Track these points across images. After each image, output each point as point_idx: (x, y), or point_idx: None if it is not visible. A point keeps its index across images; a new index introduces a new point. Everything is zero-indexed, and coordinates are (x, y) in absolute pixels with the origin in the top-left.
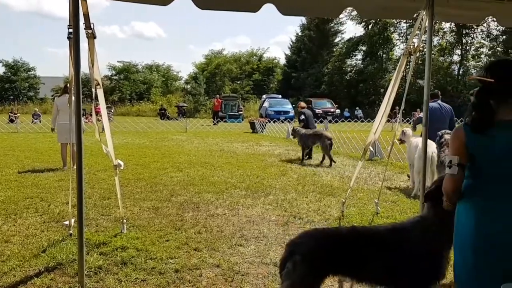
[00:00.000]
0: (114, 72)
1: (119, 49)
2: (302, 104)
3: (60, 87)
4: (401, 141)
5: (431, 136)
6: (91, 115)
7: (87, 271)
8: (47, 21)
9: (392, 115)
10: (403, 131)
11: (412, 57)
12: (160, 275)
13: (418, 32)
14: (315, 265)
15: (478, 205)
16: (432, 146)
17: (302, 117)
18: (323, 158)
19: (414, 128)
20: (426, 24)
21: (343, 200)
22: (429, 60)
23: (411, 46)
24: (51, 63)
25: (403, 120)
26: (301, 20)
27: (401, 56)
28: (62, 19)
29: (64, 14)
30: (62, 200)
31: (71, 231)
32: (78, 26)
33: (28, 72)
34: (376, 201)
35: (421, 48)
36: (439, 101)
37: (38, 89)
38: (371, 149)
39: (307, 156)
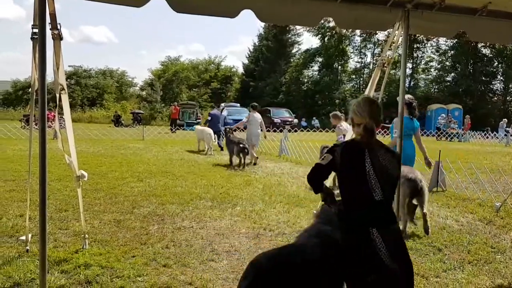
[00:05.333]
0: None
1: (68, 54)
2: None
3: (7, 92)
4: None
5: None
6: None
7: None
8: None
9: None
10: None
11: (386, 68)
12: None
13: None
14: None
15: None
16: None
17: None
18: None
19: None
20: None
21: (315, 212)
22: (404, 71)
23: (385, 58)
24: None
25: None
26: (259, 30)
27: (374, 68)
28: (5, 20)
29: (7, 15)
30: (15, 213)
31: (27, 247)
32: (45, 27)
33: None
34: None
35: (393, 60)
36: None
37: None
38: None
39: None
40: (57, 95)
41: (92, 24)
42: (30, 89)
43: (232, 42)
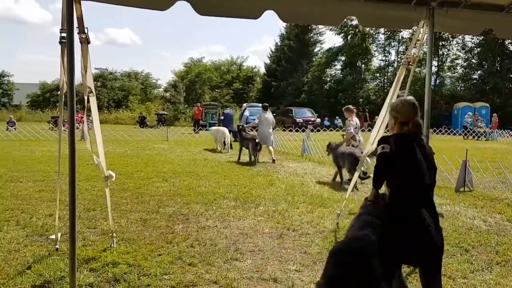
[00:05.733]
0: None
1: (94, 56)
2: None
3: (35, 94)
4: None
5: None
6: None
7: None
8: (19, 26)
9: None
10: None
11: (411, 67)
12: None
13: (417, 42)
14: None
15: None
16: None
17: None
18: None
19: None
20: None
21: (338, 212)
22: (430, 69)
23: (410, 56)
24: (24, 69)
25: None
26: (280, 30)
27: (400, 66)
28: (35, 24)
29: (36, 19)
30: (45, 212)
31: (57, 246)
32: (73, 31)
33: (2, 78)
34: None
35: (419, 58)
36: None
37: (12, 96)
38: (368, 159)
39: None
40: (85, 97)
41: (116, 27)
42: (58, 92)
43: (253, 42)
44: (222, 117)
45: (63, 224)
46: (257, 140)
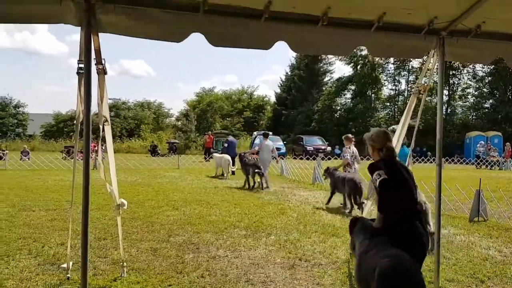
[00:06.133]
0: None
1: (108, 86)
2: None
3: (49, 124)
4: None
5: None
6: (81, 152)
7: None
8: (35, 58)
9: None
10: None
11: (422, 96)
12: None
13: (428, 71)
14: None
15: None
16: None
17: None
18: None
19: None
20: (437, 63)
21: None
22: (441, 98)
23: (421, 85)
24: (39, 99)
25: (413, 158)
26: (290, 60)
27: (410, 95)
28: (51, 56)
29: (52, 51)
30: (57, 241)
31: (68, 275)
32: (90, 62)
33: (17, 109)
34: None
35: (430, 87)
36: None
37: (26, 126)
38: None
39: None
40: (101, 127)
41: (130, 58)
42: (73, 121)
43: (264, 71)
44: (226, 145)
45: (74, 253)
46: (258, 167)
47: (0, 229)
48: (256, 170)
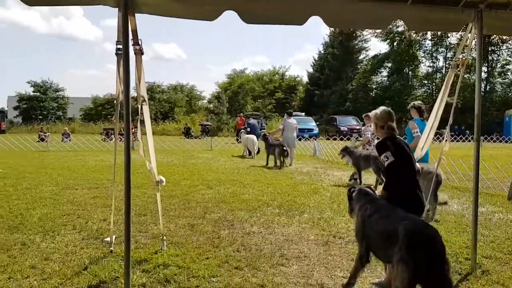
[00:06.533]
0: None
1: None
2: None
3: (88, 107)
4: None
5: None
6: (120, 134)
7: None
8: (70, 43)
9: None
10: None
11: (459, 71)
12: None
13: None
14: None
15: None
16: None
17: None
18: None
19: None
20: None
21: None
22: (479, 74)
23: (459, 60)
24: (76, 84)
25: (452, 135)
26: (324, 38)
27: (448, 70)
28: (86, 41)
29: (87, 36)
30: (99, 217)
31: (112, 248)
32: (128, 42)
33: (57, 93)
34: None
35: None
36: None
37: (66, 109)
38: (418, 166)
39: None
40: (139, 106)
41: (163, 42)
42: (110, 104)
43: (296, 51)
44: (248, 129)
45: (116, 228)
46: (284, 146)
47: (45, 206)
48: (284, 149)
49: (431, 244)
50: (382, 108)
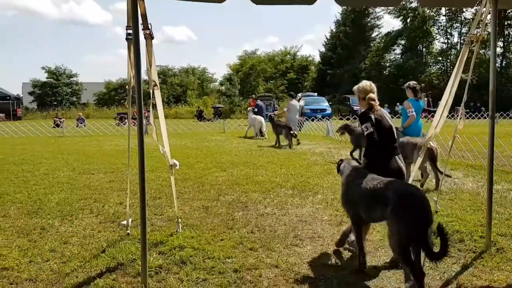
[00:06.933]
0: None
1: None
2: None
3: (101, 92)
4: None
5: None
6: (133, 118)
7: (148, 271)
8: (81, 28)
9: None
10: None
11: (474, 47)
12: (220, 274)
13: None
14: None
15: None
16: None
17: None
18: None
19: None
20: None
21: (435, 199)
22: (494, 50)
23: (474, 35)
24: (88, 69)
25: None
26: (336, 16)
27: (462, 46)
28: (95, 26)
29: (97, 21)
30: (115, 201)
31: (128, 231)
32: (138, 27)
33: (70, 78)
34: (435, 199)
35: (484, 37)
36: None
37: (80, 95)
38: (432, 144)
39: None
40: (151, 91)
41: (173, 24)
42: (122, 89)
43: (307, 31)
44: (256, 109)
45: (132, 211)
46: (290, 128)
47: (63, 191)
48: (291, 132)
49: (422, 204)
50: (364, 81)
